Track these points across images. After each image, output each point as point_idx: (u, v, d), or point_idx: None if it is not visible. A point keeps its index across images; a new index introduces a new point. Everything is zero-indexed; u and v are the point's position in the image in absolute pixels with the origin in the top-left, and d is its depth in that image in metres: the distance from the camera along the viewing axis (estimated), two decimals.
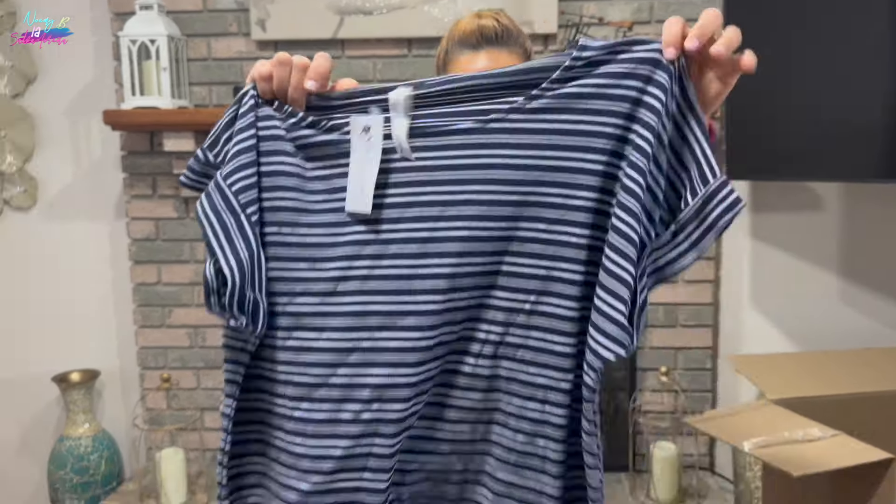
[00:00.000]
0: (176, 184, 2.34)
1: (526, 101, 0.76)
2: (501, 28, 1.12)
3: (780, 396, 1.68)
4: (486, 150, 0.76)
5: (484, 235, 0.76)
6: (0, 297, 2.57)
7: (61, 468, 2.40)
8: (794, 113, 1.91)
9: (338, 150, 0.80)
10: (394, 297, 0.78)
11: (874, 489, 1.40)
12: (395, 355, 0.79)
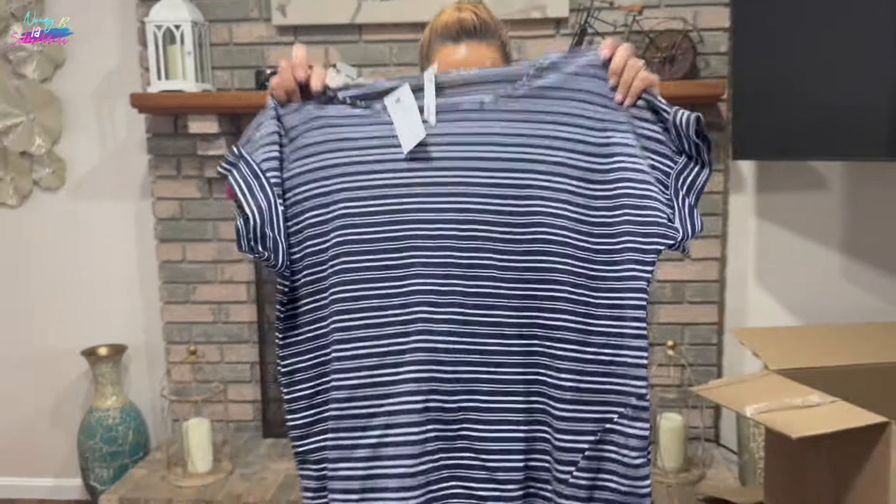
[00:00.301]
0: (200, 164, 2.42)
1: (512, 90, 1.01)
2: (480, 21, 1.16)
3: (781, 367, 1.75)
4: (487, 122, 1.01)
5: (483, 180, 0.99)
6: (31, 276, 2.67)
7: (91, 438, 2.51)
8: (799, 94, 1.96)
9: (368, 119, 1.03)
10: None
11: (870, 452, 1.48)
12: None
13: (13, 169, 2.62)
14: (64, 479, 2.78)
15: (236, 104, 2.26)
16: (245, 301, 2.50)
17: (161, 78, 2.27)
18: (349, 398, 1.02)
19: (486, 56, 1.15)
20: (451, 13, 1.19)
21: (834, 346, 1.91)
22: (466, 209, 0.98)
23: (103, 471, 2.52)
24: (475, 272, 0.99)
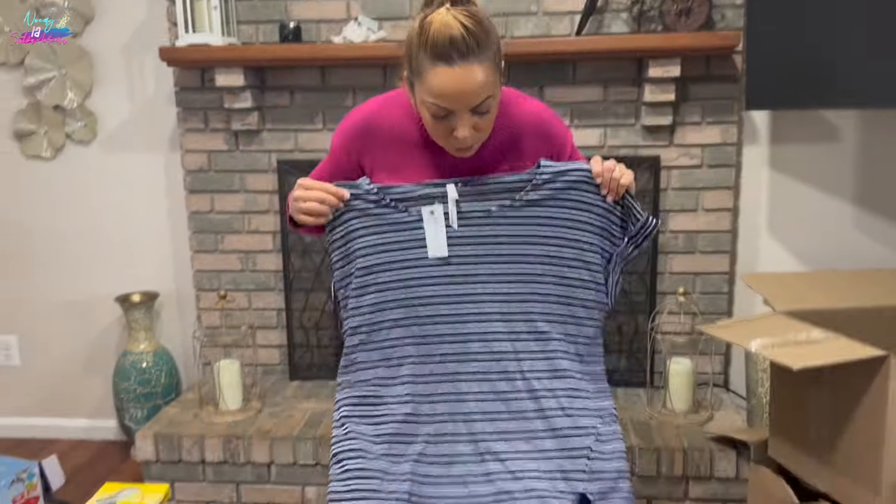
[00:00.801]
0: (226, 118, 2.50)
1: (517, 199, 1.30)
2: (472, 38, 1.14)
3: (787, 308, 1.82)
4: (499, 225, 1.29)
5: (489, 270, 1.30)
6: (65, 226, 2.78)
7: (125, 380, 2.64)
8: (812, 44, 1.99)
9: (408, 224, 1.30)
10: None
11: (869, 385, 1.55)
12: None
13: (46, 123, 2.71)
14: (99, 421, 2.92)
15: (261, 57, 2.32)
16: (271, 250, 2.60)
17: (188, 32, 2.33)
18: None
19: (480, 76, 1.16)
20: (440, 24, 1.14)
21: (841, 290, 1.97)
22: (477, 292, 1.29)
23: (137, 411, 2.65)
24: (478, 312, 1.30)
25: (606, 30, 2.34)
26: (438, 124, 1.22)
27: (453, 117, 1.20)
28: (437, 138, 1.27)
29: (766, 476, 1.88)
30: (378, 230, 1.29)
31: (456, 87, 1.16)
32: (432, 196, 1.28)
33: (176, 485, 2.31)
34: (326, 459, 2.23)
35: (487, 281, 1.28)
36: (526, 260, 1.29)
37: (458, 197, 1.27)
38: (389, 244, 1.29)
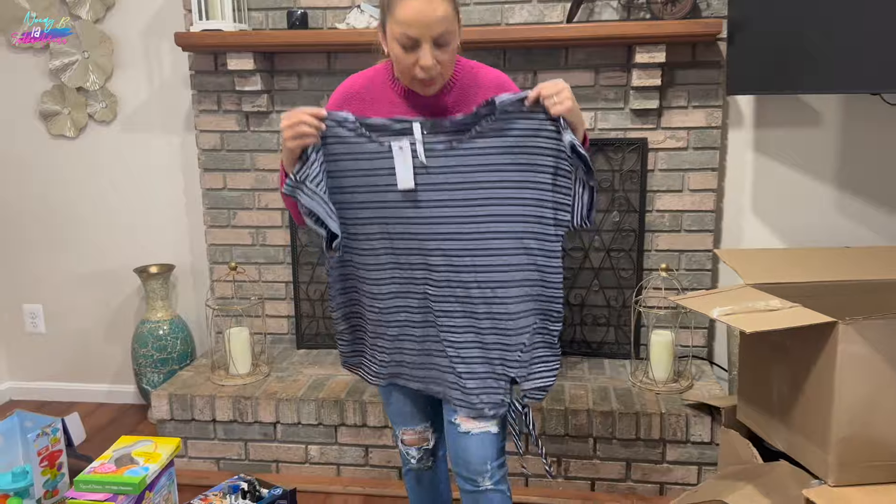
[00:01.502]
0: (238, 100, 2.65)
1: (473, 133, 1.43)
2: None
3: (755, 281, 1.93)
4: (460, 156, 1.44)
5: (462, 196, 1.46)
6: (87, 201, 2.96)
7: (143, 346, 2.81)
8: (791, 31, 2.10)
9: (380, 154, 1.45)
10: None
11: (822, 349, 1.67)
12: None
13: (70, 103, 2.88)
14: (118, 385, 3.11)
15: (270, 42, 2.46)
16: (280, 226, 2.75)
17: (202, 18, 2.48)
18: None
19: (441, 10, 1.36)
20: None
21: (810, 265, 2.08)
22: (437, 208, 1.46)
23: (154, 375, 2.82)
24: (440, 231, 1.47)
25: (597, 17, 2.45)
26: (406, 57, 1.40)
27: (419, 49, 1.38)
28: (405, 75, 1.44)
29: (735, 438, 2.02)
30: (354, 157, 1.46)
31: (421, 16, 1.35)
32: (402, 130, 1.43)
33: (188, 442, 2.48)
34: (329, 420, 2.40)
35: (450, 206, 1.45)
36: (483, 185, 1.44)
37: (422, 134, 1.43)
38: (365, 170, 1.46)
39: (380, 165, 1.46)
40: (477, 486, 1.60)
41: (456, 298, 1.51)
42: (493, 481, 1.60)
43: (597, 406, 2.30)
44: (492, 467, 1.59)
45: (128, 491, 1.88)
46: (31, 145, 2.94)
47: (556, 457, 2.34)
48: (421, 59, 1.39)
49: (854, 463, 1.65)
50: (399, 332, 1.57)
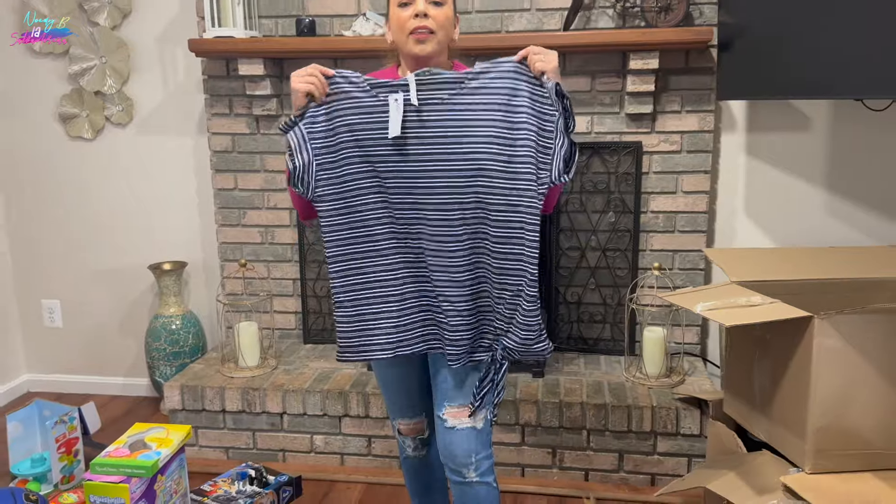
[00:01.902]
0: (249, 104, 2.76)
1: (459, 90, 1.52)
2: None
3: (741, 279, 2.02)
4: (449, 111, 1.52)
5: (453, 150, 1.52)
6: (104, 200, 3.08)
7: (157, 340, 2.92)
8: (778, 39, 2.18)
9: (378, 106, 1.53)
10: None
11: (799, 342, 1.76)
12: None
13: (88, 106, 3.00)
14: (132, 378, 3.23)
15: (280, 49, 2.57)
16: (288, 225, 2.86)
17: (214, 25, 2.59)
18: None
19: None
20: None
21: (796, 264, 2.16)
22: (428, 161, 1.52)
23: (167, 368, 2.93)
24: (432, 184, 1.52)
25: (593, 25, 2.55)
26: (402, 12, 1.54)
27: (414, 4, 1.53)
28: (402, 34, 1.55)
29: (721, 430, 2.10)
30: (357, 111, 1.53)
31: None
32: (400, 85, 1.52)
33: (199, 431, 2.59)
34: (333, 411, 2.50)
35: (439, 159, 1.51)
36: (471, 139, 1.51)
37: (416, 85, 1.52)
38: (365, 123, 1.54)
39: (377, 119, 1.53)
40: (463, 477, 1.69)
41: (449, 250, 1.55)
42: (478, 473, 1.69)
43: (590, 399, 2.39)
44: (476, 460, 1.68)
45: (141, 474, 1.98)
46: (51, 146, 3.06)
47: (551, 448, 2.43)
48: (416, 7, 1.52)
49: (829, 451, 1.73)
50: (403, 290, 1.60)
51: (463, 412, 1.66)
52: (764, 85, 2.26)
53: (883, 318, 1.70)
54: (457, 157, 1.51)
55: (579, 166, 2.63)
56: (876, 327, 1.70)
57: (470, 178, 1.51)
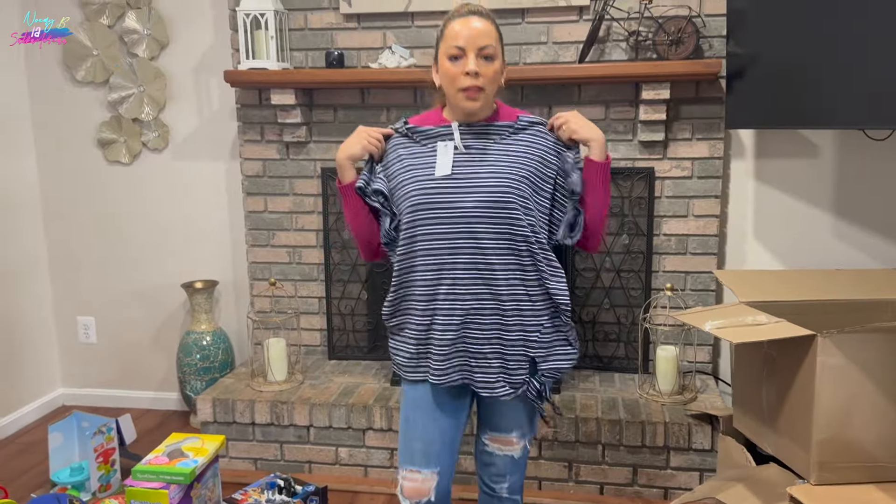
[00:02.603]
0: (279, 131, 2.91)
1: (503, 137, 1.67)
2: (480, 8, 1.64)
3: (749, 299, 2.12)
4: (489, 155, 1.65)
5: (493, 183, 1.62)
6: (140, 222, 3.23)
7: (188, 356, 3.05)
8: (782, 74, 2.29)
9: (426, 153, 1.68)
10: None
11: (803, 359, 1.85)
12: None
13: (126, 133, 3.16)
14: (162, 393, 3.35)
15: (310, 80, 2.72)
16: (314, 246, 2.99)
17: (248, 57, 2.75)
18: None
19: (485, 27, 1.60)
20: (459, 5, 1.67)
21: (802, 285, 2.26)
22: (474, 202, 1.60)
23: (197, 382, 3.06)
24: (471, 213, 1.60)
25: (607, 57, 2.68)
26: (453, 67, 1.59)
27: (463, 59, 1.59)
28: (452, 88, 1.61)
29: (731, 444, 2.19)
30: (408, 155, 1.68)
31: (467, 29, 1.59)
32: (444, 134, 1.66)
33: (229, 443, 2.71)
34: (357, 424, 2.61)
35: (477, 194, 1.59)
36: (506, 175, 1.61)
37: (459, 129, 1.66)
38: (414, 166, 1.66)
39: (425, 162, 1.65)
40: (493, 491, 1.80)
41: (483, 281, 1.60)
42: (509, 491, 1.80)
43: (605, 415, 2.48)
44: (510, 480, 1.79)
45: (179, 480, 2.10)
46: (89, 170, 3.22)
47: (567, 462, 2.52)
48: (468, 66, 1.58)
49: (833, 463, 1.82)
50: (447, 320, 1.62)
51: (503, 441, 1.75)
52: (770, 115, 2.37)
53: (882, 337, 1.80)
54: (492, 197, 1.59)
55: None
56: (876, 345, 1.80)
57: (503, 215, 1.59)
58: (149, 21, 3.04)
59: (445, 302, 1.62)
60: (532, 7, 2.67)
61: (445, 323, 1.62)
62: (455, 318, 1.62)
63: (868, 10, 1.98)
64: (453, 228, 1.60)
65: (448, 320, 1.62)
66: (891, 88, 1.95)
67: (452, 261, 1.61)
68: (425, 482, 1.68)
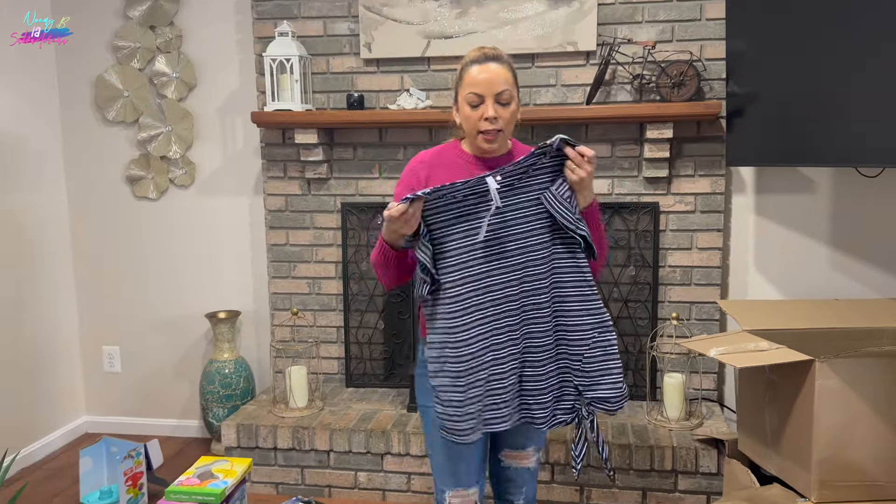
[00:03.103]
0: (302, 168, 3.06)
1: (526, 175, 1.66)
2: (494, 52, 1.71)
3: (751, 327, 2.24)
4: (524, 200, 1.67)
5: (531, 228, 1.67)
6: (165, 255, 3.37)
7: (211, 384, 3.16)
8: (779, 116, 2.44)
9: (467, 205, 1.66)
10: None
11: (803, 383, 1.96)
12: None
13: (154, 170, 3.31)
14: (184, 420, 3.46)
15: (331, 120, 2.87)
16: (334, 277, 3.12)
17: (274, 99, 2.91)
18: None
19: (502, 72, 1.68)
20: (476, 51, 1.74)
21: (802, 314, 2.38)
22: (514, 246, 1.67)
23: (219, 410, 3.16)
24: (518, 253, 1.66)
25: (613, 99, 2.83)
26: (473, 112, 1.67)
27: (483, 105, 1.67)
28: (472, 131, 1.69)
29: (736, 467, 2.29)
30: (447, 217, 1.65)
31: (485, 76, 1.67)
32: (477, 190, 1.63)
33: (252, 467, 2.80)
34: (376, 449, 2.71)
35: (518, 244, 1.66)
36: (543, 213, 1.67)
37: (497, 185, 1.63)
38: (454, 229, 1.65)
39: (467, 223, 1.65)
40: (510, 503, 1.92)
41: (532, 320, 1.66)
42: (525, 501, 1.92)
43: (616, 440, 2.58)
44: (527, 491, 1.91)
45: (211, 501, 2.20)
46: (118, 206, 3.37)
47: (578, 486, 2.62)
48: (487, 112, 1.66)
49: (833, 482, 1.92)
50: (489, 374, 1.64)
51: (522, 455, 1.85)
52: (768, 153, 2.52)
53: (877, 362, 1.91)
54: (536, 228, 1.66)
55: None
56: (871, 369, 1.91)
57: (545, 255, 1.66)
58: (178, 64, 3.21)
59: (500, 358, 1.67)
60: (542, 52, 2.83)
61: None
62: (510, 371, 1.67)
63: (859, 55, 2.13)
64: (500, 282, 1.66)
65: (505, 379, 1.67)
66: (881, 129, 2.09)
67: (505, 309, 1.65)
68: (472, 496, 1.81)
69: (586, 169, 1.64)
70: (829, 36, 2.22)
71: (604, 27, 2.79)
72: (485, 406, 1.65)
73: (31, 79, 3.22)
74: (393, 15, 2.90)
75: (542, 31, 2.81)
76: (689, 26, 2.76)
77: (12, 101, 3.13)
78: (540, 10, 2.80)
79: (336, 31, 2.98)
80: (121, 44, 3.23)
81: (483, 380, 1.64)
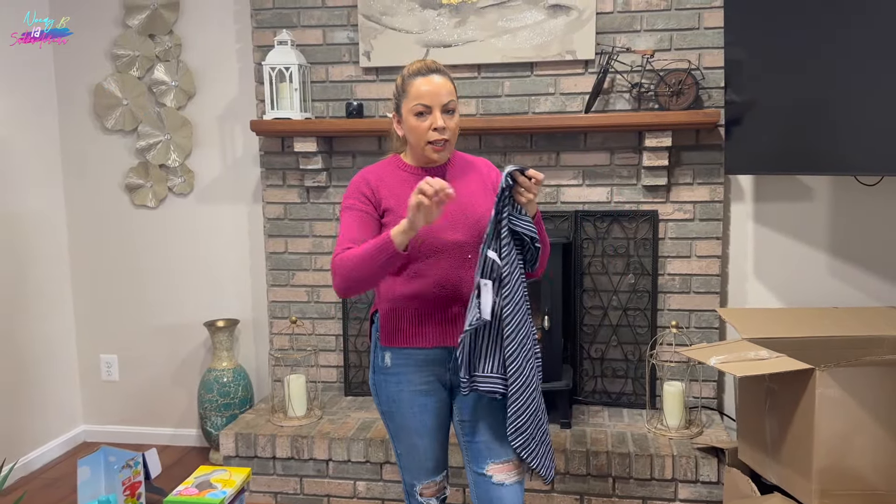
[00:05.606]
0: (301, 176, 3.05)
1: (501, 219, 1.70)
2: (438, 66, 1.76)
3: (751, 336, 2.24)
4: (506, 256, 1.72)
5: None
6: (163, 263, 3.36)
7: (209, 392, 3.15)
8: (777, 125, 2.45)
9: None
10: None
11: (803, 392, 1.96)
12: None
13: (153, 178, 3.31)
14: (181, 429, 3.44)
15: (330, 129, 2.88)
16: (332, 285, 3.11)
17: (273, 108, 2.91)
18: None
19: (446, 84, 1.74)
20: (418, 62, 1.77)
21: (801, 322, 2.38)
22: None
23: (218, 418, 3.15)
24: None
25: (612, 107, 2.84)
26: (421, 123, 1.72)
27: (430, 116, 1.71)
28: (420, 142, 1.74)
29: (736, 475, 2.28)
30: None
31: (431, 88, 1.72)
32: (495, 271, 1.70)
33: (251, 477, 2.79)
34: (375, 458, 2.70)
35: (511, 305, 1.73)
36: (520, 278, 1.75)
37: (499, 262, 1.69)
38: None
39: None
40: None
41: (524, 356, 1.75)
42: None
43: (615, 449, 2.58)
44: None
45: None
46: (117, 213, 3.37)
47: (579, 494, 2.61)
48: (435, 122, 1.71)
49: (833, 491, 1.92)
50: None
51: (509, 467, 1.80)
52: (767, 161, 2.53)
53: (877, 370, 1.91)
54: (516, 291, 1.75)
55: (600, 232, 2.89)
56: (871, 378, 1.91)
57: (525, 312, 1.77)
58: (177, 73, 3.21)
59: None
60: (540, 61, 2.84)
61: None
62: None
63: (856, 65, 2.14)
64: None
65: None
66: (878, 138, 2.10)
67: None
68: (441, 482, 1.95)
69: (534, 191, 1.68)
70: (828, 44, 2.23)
71: (602, 36, 2.80)
72: None
73: (30, 87, 3.22)
74: (392, 24, 2.91)
75: (541, 39, 2.82)
76: (688, 35, 2.77)
77: (11, 110, 3.13)
78: (539, 19, 2.81)
79: (335, 40, 2.99)
80: (120, 52, 3.24)
81: None
